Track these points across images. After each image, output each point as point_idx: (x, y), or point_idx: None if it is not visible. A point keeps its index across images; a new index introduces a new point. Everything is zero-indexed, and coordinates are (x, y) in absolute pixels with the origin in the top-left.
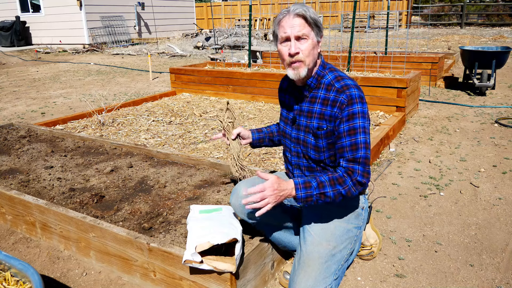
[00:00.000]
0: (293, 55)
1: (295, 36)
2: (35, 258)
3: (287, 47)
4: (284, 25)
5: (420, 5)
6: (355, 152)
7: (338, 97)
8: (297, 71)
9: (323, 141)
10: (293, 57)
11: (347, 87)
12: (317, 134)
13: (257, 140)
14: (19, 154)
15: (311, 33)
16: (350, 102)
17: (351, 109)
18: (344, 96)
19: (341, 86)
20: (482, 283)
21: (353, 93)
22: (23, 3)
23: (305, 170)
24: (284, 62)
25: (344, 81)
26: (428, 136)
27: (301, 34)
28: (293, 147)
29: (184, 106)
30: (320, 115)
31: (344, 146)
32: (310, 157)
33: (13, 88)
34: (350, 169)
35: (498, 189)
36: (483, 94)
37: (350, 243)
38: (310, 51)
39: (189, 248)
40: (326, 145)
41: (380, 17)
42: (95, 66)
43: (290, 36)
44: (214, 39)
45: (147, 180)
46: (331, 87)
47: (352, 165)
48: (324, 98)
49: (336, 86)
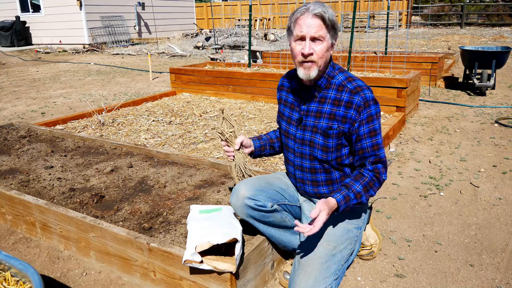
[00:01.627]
0: (307, 55)
1: (311, 36)
2: (35, 258)
3: (301, 46)
4: (301, 23)
5: (420, 5)
6: (377, 152)
7: (353, 98)
8: (308, 71)
9: (334, 141)
10: (306, 57)
11: (361, 89)
12: (328, 134)
13: (259, 148)
14: (19, 154)
15: (327, 35)
16: (366, 104)
17: (369, 111)
18: (360, 98)
19: (354, 87)
20: (482, 283)
21: (367, 95)
22: (23, 3)
23: (308, 171)
24: (295, 60)
25: (356, 82)
26: (428, 136)
27: (317, 36)
28: (297, 148)
29: (184, 106)
30: (331, 115)
31: (365, 147)
32: (315, 158)
33: (13, 88)
34: (376, 170)
35: (498, 189)
36: (483, 94)
37: (350, 243)
38: (324, 53)
39: (189, 248)
40: (336, 145)
41: (380, 17)
42: (95, 66)
43: (306, 36)
44: (214, 39)
45: (147, 180)
46: (343, 87)
47: (376, 166)
48: (335, 99)
49: (348, 87)
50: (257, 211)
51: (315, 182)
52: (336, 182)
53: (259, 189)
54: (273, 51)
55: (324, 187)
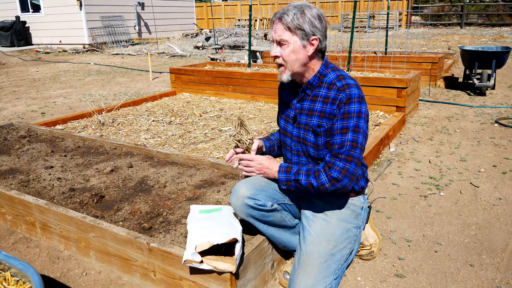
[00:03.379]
0: (274, 58)
1: (276, 40)
2: (35, 258)
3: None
4: (272, 27)
5: (420, 5)
6: (341, 149)
7: (338, 95)
8: (281, 75)
9: (322, 138)
10: (274, 60)
11: (348, 86)
12: (316, 132)
13: (268, 148)
14: (19, 154)
15: (292, 38)
16: (348, 101)
17: (347, 108)
18: (343, 95)
19: (342, 85)
20: (482, 283)
21: (353, 92)
22: (23, 3)
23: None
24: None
25: (345, 80)
26: (428, 136)
27: (280, 39)
28: (294, 146)
29: (184, 106)
30: (321, 113)
31: (333, 143)
32: (310, 155)
33: (13, 88)
34: (329, 164)
35: (498, 189)
36: (483, 94)
37: (350, 243)
38: (290, 56)
39: (189, 248)
40: (325, 143)
41: (380, 17)
42: (95, 66)
43: (274, 40)
44: (214, 39)
45: (147, 180)
46: (333, 85)
47: (333, 160)
48: (325, 97)
49: (337, 84)
50: (257, 210)
51: None
52: None
53: (259, 189)
54: None
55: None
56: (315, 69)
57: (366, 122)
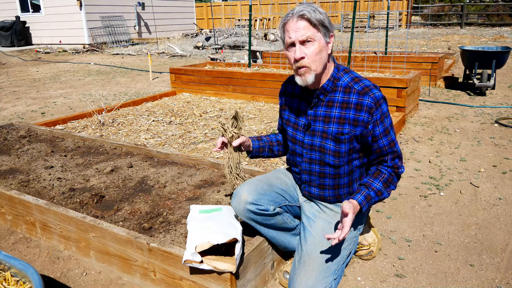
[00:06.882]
0: (298, 59)
1: (300, 40)
2: (35, 258)
3: (293, 52)
4: (289, 29)
5: (420, 5)
6: (394, 148)
7: (363, 100)
8: (304, 77)
9: (346, 145)
10: (299, 61)
11: (369, 89)
12: (339, 139)
13: (257, 149)
14: (19, 154)
15: (317, 35)
16: (378, 104)
17: (380, 110)
18: (370, 99)
19: (362, 88)
20: (482, 283)
21: (377, 94)
22: (23, 3)
23: (316, 175)
24: (292, 68)
25: (362, 82)
26: (428, 136)
27: (305, 38)
28: (305, 153)
29: (184, 106)
30: (340, 119)
31: (382, 146)
32: (327, 163)
33: (13, 88)
34: (395, 165)
35: (498, 189)
36: (483, 94)
37: (350, 244)
38: (317, 55)
39: (189, 248)
40: (348, 150)
41: (380, 17)
42: (95, 66)
43: (295, 41)
44: (214, 39)
45: (147, 180)
46: (350, 89)
47: (394, 161)
48: (343, 102)
49: (356, 88)
50: (259, 215)
51: (322, 186)
52: (343, 187)
53: (261, 193)
54: (273, 51)
55: (330, 191)
56: (328, 72)
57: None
